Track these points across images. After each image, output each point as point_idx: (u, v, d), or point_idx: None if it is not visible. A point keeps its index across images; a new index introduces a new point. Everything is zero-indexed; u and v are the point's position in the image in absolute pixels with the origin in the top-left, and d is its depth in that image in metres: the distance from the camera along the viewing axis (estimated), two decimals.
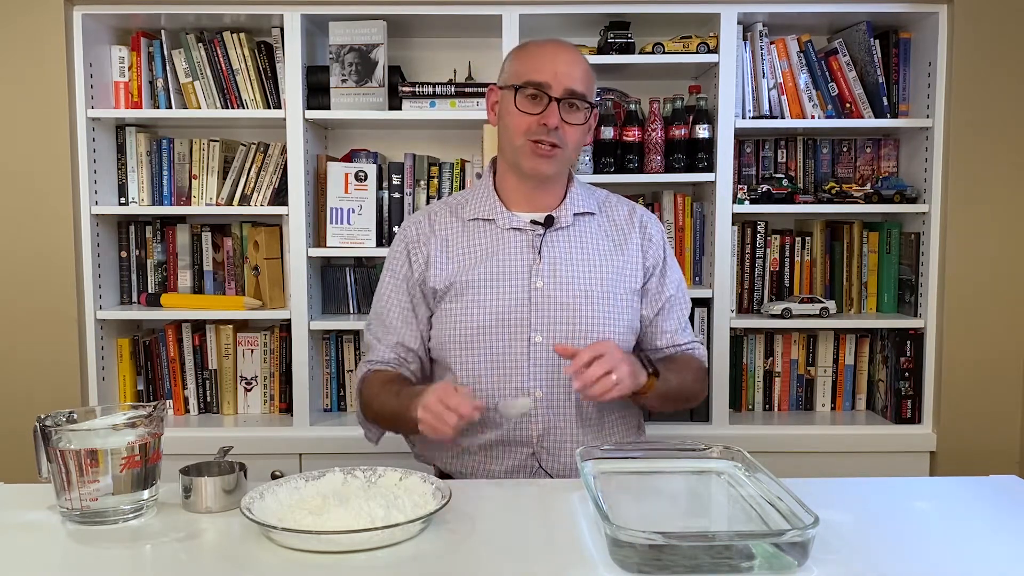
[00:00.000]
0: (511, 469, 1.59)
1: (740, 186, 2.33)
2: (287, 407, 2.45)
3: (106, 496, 1.21)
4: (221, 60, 2.33)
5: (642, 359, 1.52)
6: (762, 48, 2.32)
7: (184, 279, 2.47)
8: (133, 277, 2.46)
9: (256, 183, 2.38)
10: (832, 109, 2.36)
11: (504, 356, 1.56)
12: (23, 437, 1.33)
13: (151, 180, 2.43)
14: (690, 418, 2.37)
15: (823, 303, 2.37)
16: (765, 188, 2.35)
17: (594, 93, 1.63)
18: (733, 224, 2.33)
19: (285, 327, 2.42)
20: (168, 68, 2.35)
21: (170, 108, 2.35)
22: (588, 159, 2.34)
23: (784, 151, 2.49)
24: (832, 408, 2.50)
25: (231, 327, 2.47)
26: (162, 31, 2.35)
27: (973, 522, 1.24)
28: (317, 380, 2.44)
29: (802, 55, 2.35)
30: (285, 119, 2.29)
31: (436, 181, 2.43)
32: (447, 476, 1.63)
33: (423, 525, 1.16)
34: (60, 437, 1.21)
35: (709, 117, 2.32)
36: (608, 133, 2.32)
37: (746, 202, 2.32)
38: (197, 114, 2.35)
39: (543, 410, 1.57)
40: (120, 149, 2.42)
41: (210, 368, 2.48)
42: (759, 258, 2.44)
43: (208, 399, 2.49)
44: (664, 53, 2.28)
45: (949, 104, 2.26)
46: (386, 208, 2.42)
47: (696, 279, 2.44)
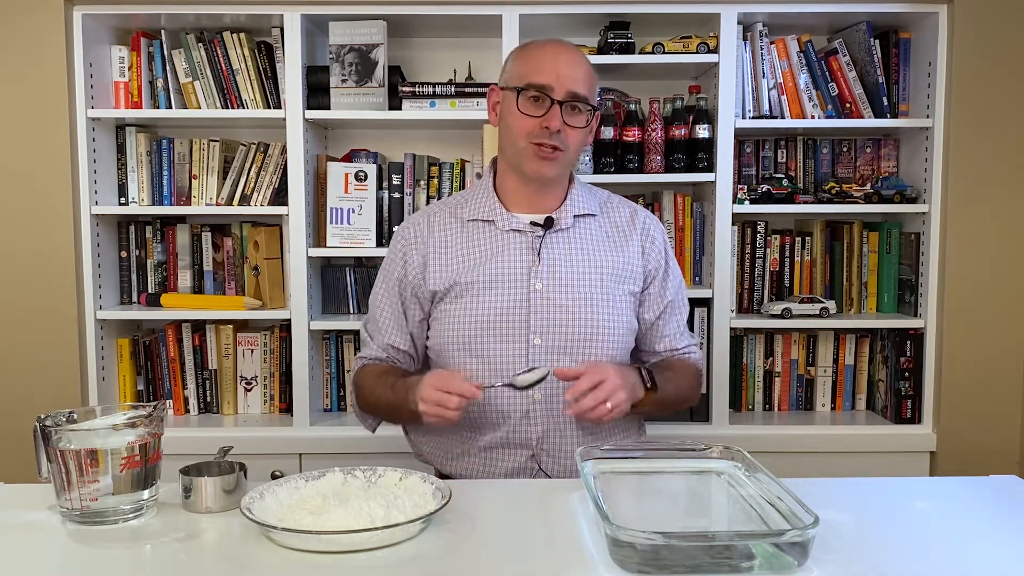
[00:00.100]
0: (511, 471, 1.59)
1: (740, 186, 2.33)
2: (287, 407, 2.45)
3: (106, 496, 1.21)
4: (221, 60, 2.33)
5: (641, 373, 1.53)
6: (762, 48, 2.32)
7: (184, 279, 2.47)
8: (133, 277, 2.47)
9: (256, 183, 2.38)
10: (832, 109, 2.36)
11: (502, 358, 1.56)
12: (23, 437, 1.33)
13: (151, 180, 2.43)
14: (690, 418, 2.37)
15: (823, 303, 2.37)
16: (765, 188, 2.35)
17: (596, 94, 1.63)
18: (733, 224, 2.33)
19: (285, 327, 2.42)
20: (168, 68, 2.35)
21: (170, 108, 2.35)
22: (588, 159, 2.34)
23: (784, 151, 2.49)
24: (832, 408, 2.50)
25: (231, 327, 2.47)
26: (162, 31, 2.35)
27: (973, 522, 1.24)
28: (317, 380, 2.44)
29: (802, 55, 2.35)
30: (285, 119, 2.29)
31: (436, 181, 2.43)
32: (447, 478, 1.63)
33: (423, 525, 1.16)
34: (60, 437, 1.21)
35: (709, 117, 2.32)
36: (608, 133, 2.32)
37: (746, 202, 2.32)
38: (197, 114, 2.35)
39: (542, 412, 1.57)
40: (120, 149, 2.42)
41: (210, 368, 2.48)
42: (759, 258, 2.44)
43: (208, 399, 2.49)
44: (664, 53, 2.28)
45: (949, 104, 2.26)
46: (386, 208, 2.42)
47: (696, 279, 2.44)
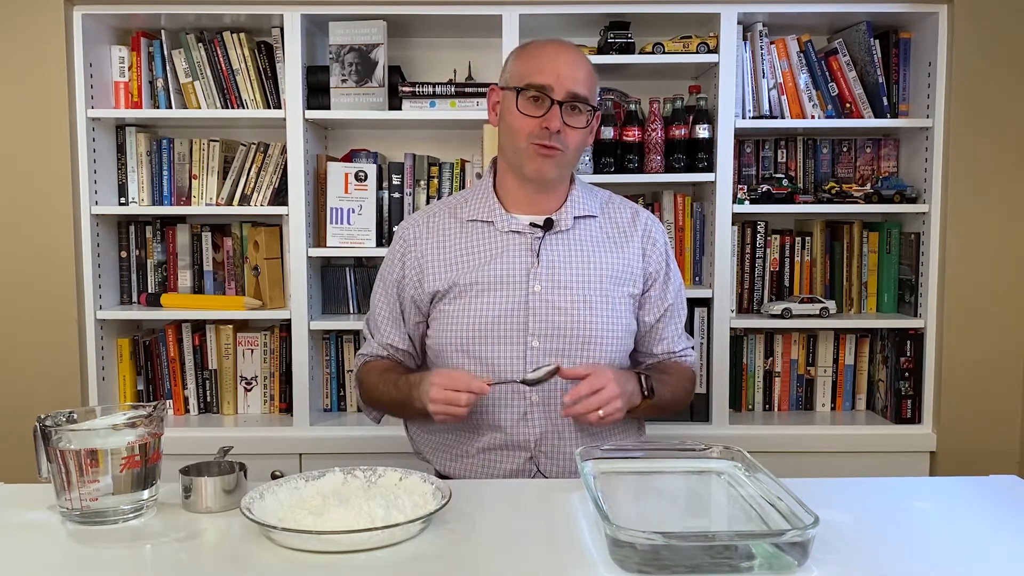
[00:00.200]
0: (509, 473, 1.59)
1: (740, 186, 2.33)
2: (287, 407, 2.45)
3: (106, 496, 1.21)
4: (221, 60, 2.33)
5: (641, 381, 1.54)
6: (762, 48, 2.32)
7: (184, 279, 2.47)
8: (133, 277, 2.46)
9: (256, 183, 2.38)
10: (832, 109, 2.36)
11: (500, 361, 1.56)
12: (23, 437, 1.33)
13: (151, 180, 2.43)
14: (690, 418, 2.37)
15: (823, 303, 2.37)
16: (765, 188, 2.35)
17: (597, 95, 1.62)
18: (733, 224, 2.33)
19: (285, 327, 2.42)
20: (168, 68, 2.35)
21: (170, 108, 2.35)
22: (588, 159, 2.34)
23: (784, 151, 2.49)
24: (832, 408, 2.50)
25: (231, 327, 2.47)
26: (162, 31, 2.35)
27: (973, 522, 1.23)
28: (317, 380, 2.44)
29: (802, 55, 2.35)
30: (285, 119, 2.29)
31: (436, 181, 2.43)
32: (446, 478, 1.63)
33: (423, 525, 1.16)
34: (60, 437, 1.21)
35: (709, 117, 2.32)
36: (608, 133, 2.32)
37: (746, 202, 2.32)
38: (197, 114, 2.35)
39: (540, 414, 1.57)
40: (120, 149, 2.42)
41: (210, 368, 2.48)
42: (759, 258, 2.44)
43: (208, 399, 2.49)
44: (664, 53, 2.28)
45: (949, 104, 2.26)
46: (386, 208, 2.42)
47: (696, 279, 2.44)
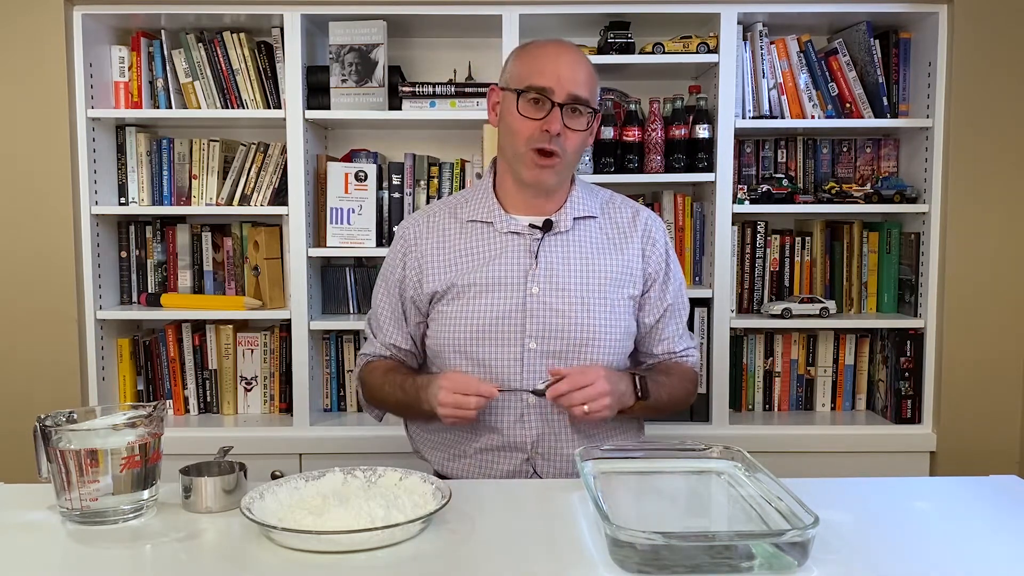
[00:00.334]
0: (506, 474, 1.59)
1: (740, 186, 2.33)
2: (287, 407, 2.45)
3: (106, 496, 1.21)
4: (221, 60, 2.33)
5: (635, 382, 1.54)
6: (762, 48, 2.32)
7: (184, 279, 2.47)
8: (133, 277, 2.46)
9: (256, 183, 2.37)
10: (832, 109, 2.36)
11: (497, 362, 1.55)
12: (23, 437, 1.33)
13: (151, 180, 2.43)
14: (690, 418, 2.37)
15: (823, 303, 2.37)
16: (765, 188, 2.35)
17: (597, 96, 1.62)
18: (733, 224, 2.32)
19: (285, 327, 2.42)
20: (168, 68, 2.35)
21: (170, 108, 2.35)
22: (588, 159, 2.34)
23: (784, 151, 2.49)
24: (832, 408, 2.50)
25: (231, 327, 2.47)
26: (162, 31, 2.35)
27: (973, 522, 1.23)
28: (317, 380, 2.44)
29: (802, 55, 2.35)
30: (285, 119, 2.29)
31: (436, 181, 2.43)
32: (445, 479, 1.63)
33: (423, 525, 1.16)
34: (60, 437, 1.21)
35: (709, 117, 2.32)
36: (608, 133, 2.32)
37: (746, 202, 2.32)
38: (197, 114, 2.35)
39: (537, 416, 1.57)
40: (120, 149, 2.42)
41: (210, 368, 2.48)
42: (759, 258, 2.44)
43: (208, 399, 2.49)
44: (664, 53, 2.28)
45: (949, 104, 2.26)
46: (386, 208, 2.42)
47: (696, 279, 2.44)
